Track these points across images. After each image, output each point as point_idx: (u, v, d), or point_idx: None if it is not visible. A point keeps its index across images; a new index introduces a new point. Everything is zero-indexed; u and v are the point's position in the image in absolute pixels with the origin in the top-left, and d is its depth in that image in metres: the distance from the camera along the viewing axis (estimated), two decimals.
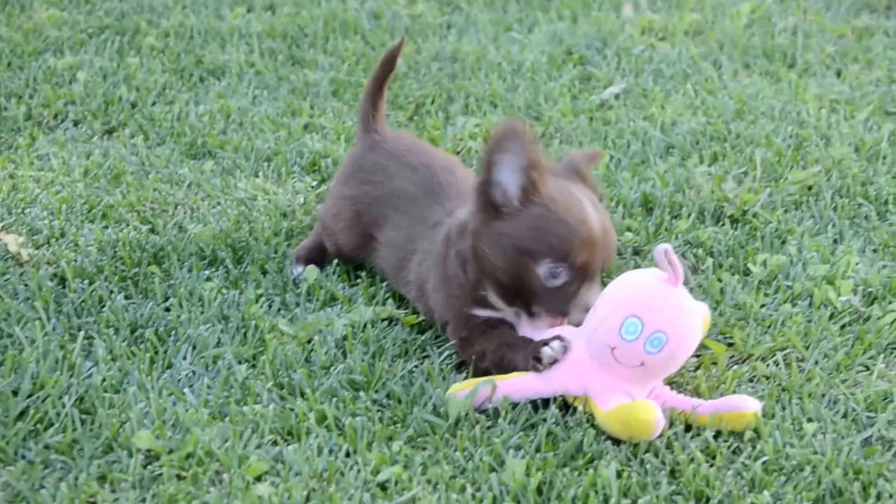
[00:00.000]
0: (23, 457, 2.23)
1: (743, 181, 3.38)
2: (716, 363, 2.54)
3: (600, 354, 2.31)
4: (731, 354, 2.59)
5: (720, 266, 2.94)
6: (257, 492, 2.13)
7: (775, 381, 2.48)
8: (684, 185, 3.35)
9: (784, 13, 4.97)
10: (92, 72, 4.27)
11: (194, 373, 2.50)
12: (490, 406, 2.35)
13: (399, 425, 2.33)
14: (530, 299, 2.42)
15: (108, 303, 2.74)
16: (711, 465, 2.21)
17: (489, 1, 5.21)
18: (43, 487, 2.16)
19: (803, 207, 3.25)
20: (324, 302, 2.79)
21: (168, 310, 2.74)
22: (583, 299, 2.38)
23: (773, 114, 3.89)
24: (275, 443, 2.29)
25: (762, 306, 2.76)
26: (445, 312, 2.58)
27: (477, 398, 2.34)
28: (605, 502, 2.11)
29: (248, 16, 4.97)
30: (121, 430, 2.28)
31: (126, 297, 2.79)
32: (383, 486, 2.17)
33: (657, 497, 2.12)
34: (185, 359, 2.54)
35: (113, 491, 2.16)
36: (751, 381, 2.50)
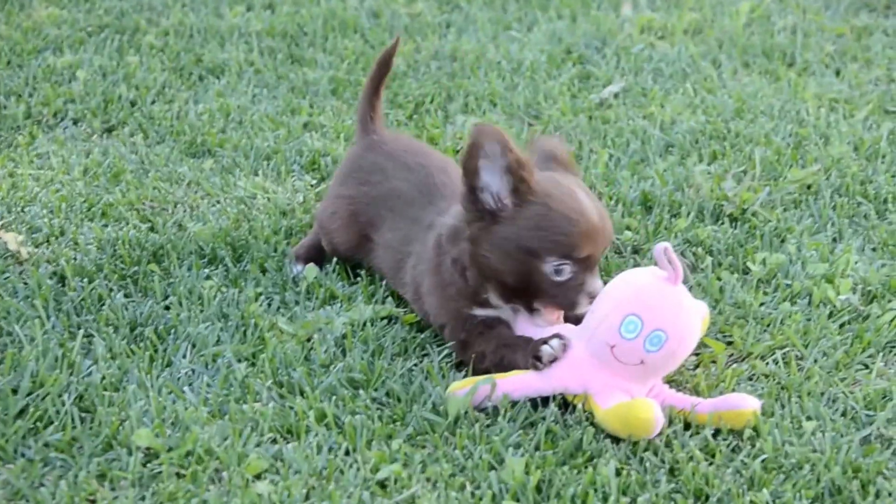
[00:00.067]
0: (22, 455, 2.23)
1: (742, 180, 3.38)
2: (715, 361, 2.54)
3: (600, 353, 2.31)
4: (730, 353, 2.59)
5: (719, 264, 2.94)
6: (257, 490, 2.13)
7: (774, 380, 2.48)
8: (684, 183, 3.35)
9: (783, 12, 4.96)
10: (91, 70, 4.26)
11: (194, 371, 2.50)
12: (489, 404, 2.35)
13: (398, 423, 2.33)
14: (535, 296, 2.43)
15: (108, 301, 2.74)
16: (710, 464, 2.21)
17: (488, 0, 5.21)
18: (42, 485, 2.16)
19: (802, 206, 3.25)
20: (323, 300, 2.79)
21: (168, 308, 2.74)
22: (588, 288, 2.40)
23: (773, 113, 3.89)
24: (274, 441, 2.29)
25: (761, 305, 2.76)
26: (442, 316, 2.57)
27: (476, 396, 2.34)
28: (605, 500, 2.12)
29: (247, 14, 4.96)
30: (120, 428, 2.28)
31: (125, 296, 2.79)
32: (383, 485, 2.17)
33: (656, 495, 2.12)
34: (184, 357, 2.54)
35: (112, 489, 2.16)
36: (750, 379, 2.50)
